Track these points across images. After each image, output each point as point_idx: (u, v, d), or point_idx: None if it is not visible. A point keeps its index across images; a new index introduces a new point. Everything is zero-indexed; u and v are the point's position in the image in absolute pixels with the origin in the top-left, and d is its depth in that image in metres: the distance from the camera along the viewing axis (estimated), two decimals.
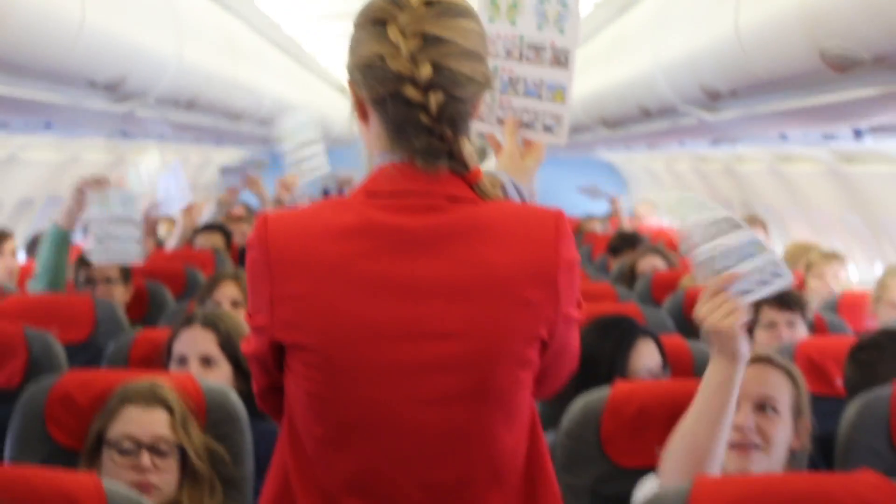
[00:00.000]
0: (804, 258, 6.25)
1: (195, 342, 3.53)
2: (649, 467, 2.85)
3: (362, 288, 1.96)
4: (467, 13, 1.96)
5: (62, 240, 4.70)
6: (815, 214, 7.90)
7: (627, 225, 10.29)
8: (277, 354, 2.06)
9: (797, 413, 2.90)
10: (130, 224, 4.70)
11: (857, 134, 4.29)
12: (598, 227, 10.73)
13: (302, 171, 5.37)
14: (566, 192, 14.74)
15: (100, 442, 2.89)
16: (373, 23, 1.93)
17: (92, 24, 3.72)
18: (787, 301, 4.25)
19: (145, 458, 2.83)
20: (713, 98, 4.48)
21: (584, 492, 3.07)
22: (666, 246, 7.33)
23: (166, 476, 2.85)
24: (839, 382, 3.68)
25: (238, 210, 10.25)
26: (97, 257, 4.73)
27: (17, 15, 3.18)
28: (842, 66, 2.97)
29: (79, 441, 2.98)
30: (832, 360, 3.71)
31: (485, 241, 1.98)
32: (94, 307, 4.64)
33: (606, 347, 3.44)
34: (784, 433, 2.87)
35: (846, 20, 2.92)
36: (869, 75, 3.10)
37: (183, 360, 3.52)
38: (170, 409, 2.90)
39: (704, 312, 2.62)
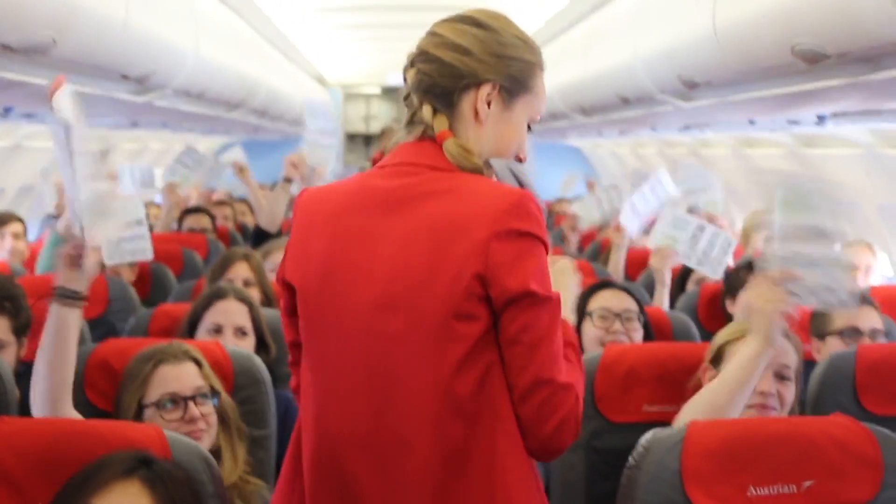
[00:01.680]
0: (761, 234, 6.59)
1: (231, 314, 3.69)
2: (638, 423, 3.04)
3: (342, 237, 2.22)
4: (469, 20, 2.26)
5: None
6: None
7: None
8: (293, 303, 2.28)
9: (797, 378, 3.10)
10: (138, 224, 4.84)
11: (821, 119, 4.48)
12: (568, 209, 10.85)
13: (314, 155, 5.62)
14: (534, 176, 14.94)
15: (140, 408, 2.94)
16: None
17: (133, 25, 3.95)
18: None
19: (193, 409, 2.93)
20: (690, 88, 4.64)
21: (579, 446, 3.29)
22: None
23: (211, 419, 2.96)
24: (807, 347, 3.76)
25: (219, 195, 10.50)
26: (111, 259, 4.86)
27: (73, 16, 3.40)
28: (811, 60, 3.19)
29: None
30: (800, 329, 3.81)
31: (442, 199, 2.18)
32: (108, 286, 4.85)
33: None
34: (791, 396, 3.06)
35: (815, 20, 3.09)
36: (833, 68, 3.30)
37: (218, 330, 3.67)
38: (197, 362, 3.01)
39: (755, 295, 2.87)
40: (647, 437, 2.56)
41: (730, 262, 4.96)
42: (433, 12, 7.73)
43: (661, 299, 5.11)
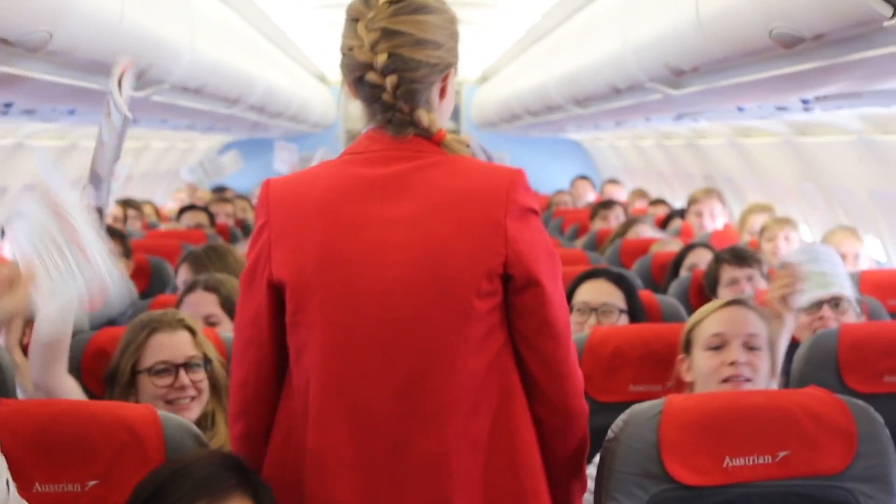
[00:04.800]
0: (757, 218, 6.68)
1: (198, 305, 3.77)
2: (624, 402, 2.97)
3: (340, 226, 2.26)
4: (425, 8, 2.29)
5: None
6: (773, 184, 8.04)
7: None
8: (275, 306, 2.28)
9: (771, 348, 3.16)
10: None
11: (805, 103, 4.54)
12: (568, 201, 11.01)
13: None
14: (535, 170, 15.04)
15: (133, 374, 3.04)
16: (350, 20, 2.31)
17: (129, 19, 4.01)
18: (744, 258, 4.53)
19: (183, 377, 3.03)
20: (677, 75, 4.69)
21: None
22: None
23: (202, 385, 3.06)
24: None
25: (227, 193, 10.69)
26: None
27: (68, 10, 3.43)
28: (788, 44, 3.25)
29: None
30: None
31: (443, 176, 2.27)
32: None
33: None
34: (765, 366, 3.12)
35: (791, 4, 3.14)
36: (810, 51, 3.36)
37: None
38: (191, 330, 3.10)
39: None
40: (627, 411, 2.61)
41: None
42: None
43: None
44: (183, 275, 4.69)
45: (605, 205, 8.38)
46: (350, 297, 2.24)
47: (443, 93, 2.35)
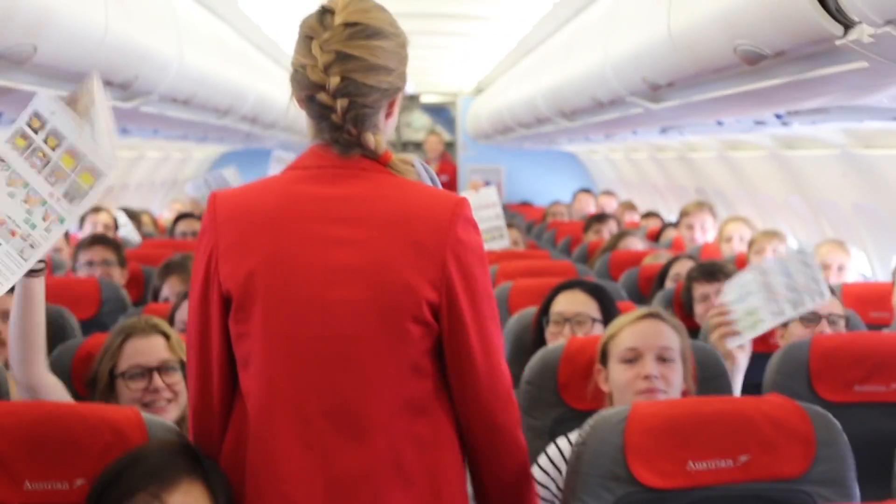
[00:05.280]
0: (733, 228, 6.73)
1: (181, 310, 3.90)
2: (599, 409, 2.98)
3: (286, 243, 2.29)
4: (380, 33, 2.31)
5: None
6: (763, 197, 8.10)
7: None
8: (224, 316, 2.32)
9: (684, 359, 3.19)
10: None
11: (779, 118, 4.58)
12: (563, 213, 11.09)
13: None
14: (532, 181, 15.09)
15: (112, 378, 3.14)
16: (304, 37, 2.32)
17: (113, 32, 4.05)
18: (713, 273, 4.60)
19: (157, 380, 3.11)
20: (653, 89, 4.75)
21: (544, 432, 3.44)
22: None
23: (178, 387, 3.13)
24: (773, 340, 3.99)
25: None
26: None
27: (52, 24, 3.48)
28: (751, 60, 3.31)
29: None
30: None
31: (388, 202, 2.30)
32: (100, 288, 4.98)
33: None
34: (678, 377, 3.16)
35: (752, 22, 3.20)
36: (774, 68, 3.41)
37: (184, 328, 3.93)
38: (165, 335, 3.18)
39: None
40: (594, 416, 2.68)
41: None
42: (423, 20, 7.97)
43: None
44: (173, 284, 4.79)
45: (599, 218, 8.48)
46: (292, 312, 2.29)
47: (389, 115, 2.39)
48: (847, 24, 2.65)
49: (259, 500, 2.31)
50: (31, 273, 2.64)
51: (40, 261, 2.62)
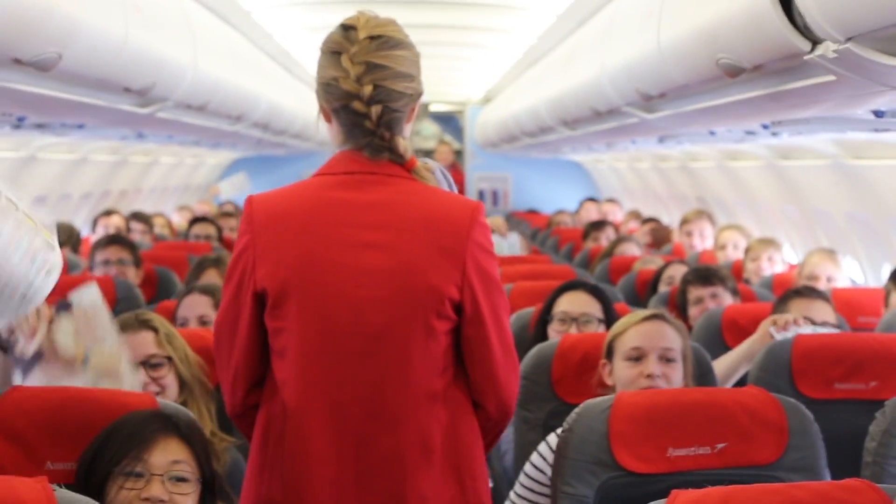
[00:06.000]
0: (727, 235, 6.84)
1: (194, 306, 4.02)
2: None
3: (320, 246, 2.46)
4: (402, 44, 2.51)
5: None
6: (760, 206, 8.14)
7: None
8: (257, 314, 2.50)
9: (685, 359, 3.30)
10: None
11: (766, 128, 4.68)
12: (568, 221, 11.20)
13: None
14: (538, 189, 15.16)
15: None
16: (331, 52, 2.50)
17: (132, 41, 4.20)
18: (707, 277, 4.71)
19: (143, 374, 3.15)
20: (646, 100, 4.86)
21: (539, 424, 3.56)
22: None
23: (165, 381, 3.21)
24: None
25: (227, 207, 10.96)
26: None
27: (77, 33, 3.65)
28: (732, 73, 3.44)
29: None
30: (752, 322, 4.10)
31: (413, 208, 2.49)
32: (115, 287, 5.10)
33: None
34: (679, 375, 3.27)
35: (732, 36, 3.32)
36: (753, 80, 3.53)
37: (185, 322, 3.99)
38: (154, 329, 3.24)
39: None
40: (581, 405, 2.80)
41: None
42: (434, 30, 8.12)
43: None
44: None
45: (597, 226, 8.66)
46: (326, 310, 2.47)
47: (408, 120, 2.58)
48: (814, 41, 2.78)
49: (297, 480, 2.48)
50: None
51: None
